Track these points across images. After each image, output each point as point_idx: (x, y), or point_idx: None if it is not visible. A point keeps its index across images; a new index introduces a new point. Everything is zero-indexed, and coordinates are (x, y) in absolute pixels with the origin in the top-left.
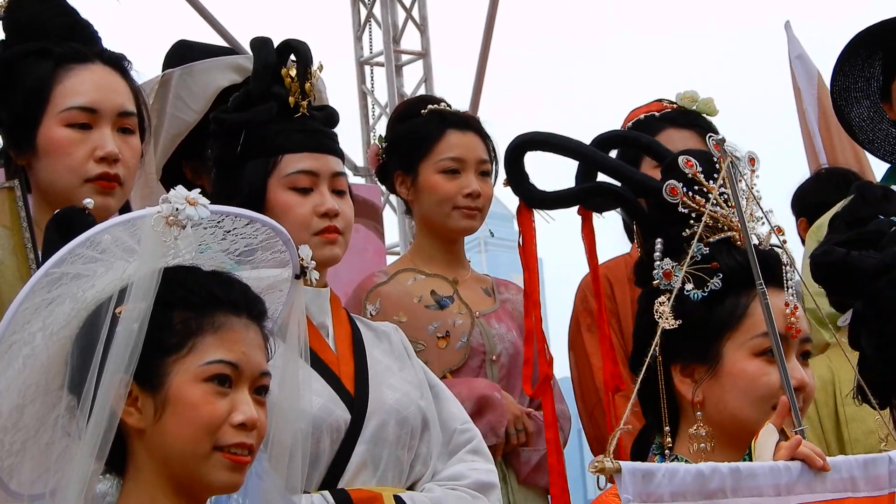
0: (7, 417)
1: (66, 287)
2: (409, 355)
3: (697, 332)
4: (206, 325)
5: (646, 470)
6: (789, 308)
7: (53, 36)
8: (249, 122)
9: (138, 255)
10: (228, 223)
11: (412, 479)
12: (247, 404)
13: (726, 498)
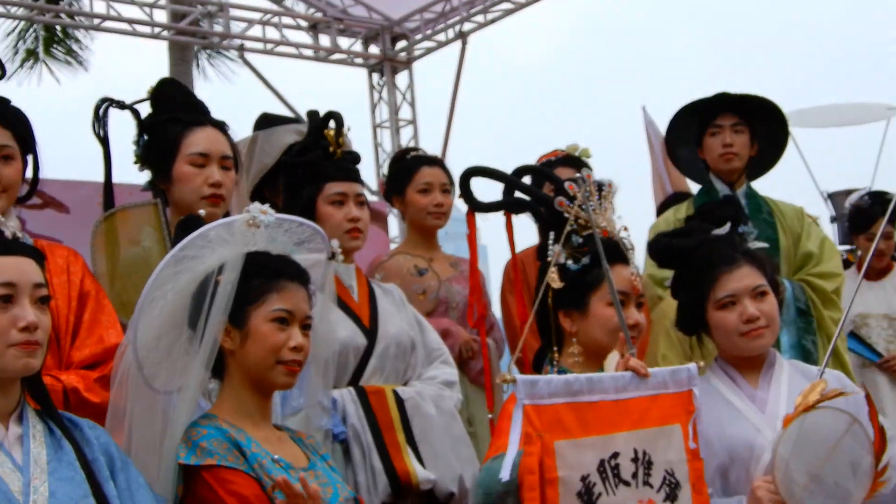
0: (150, 343)
1: (187, 263)
2: (404, 304)
3: (574, 290)
4: (272, 287)
5: (532, 380)
6: (632, 275)
7: (181, 109)
8: (305, 163)
9: (231, 244)
10: (288, 225)
11: (404, 380)
12: (297, 336)
13: (584, 395)
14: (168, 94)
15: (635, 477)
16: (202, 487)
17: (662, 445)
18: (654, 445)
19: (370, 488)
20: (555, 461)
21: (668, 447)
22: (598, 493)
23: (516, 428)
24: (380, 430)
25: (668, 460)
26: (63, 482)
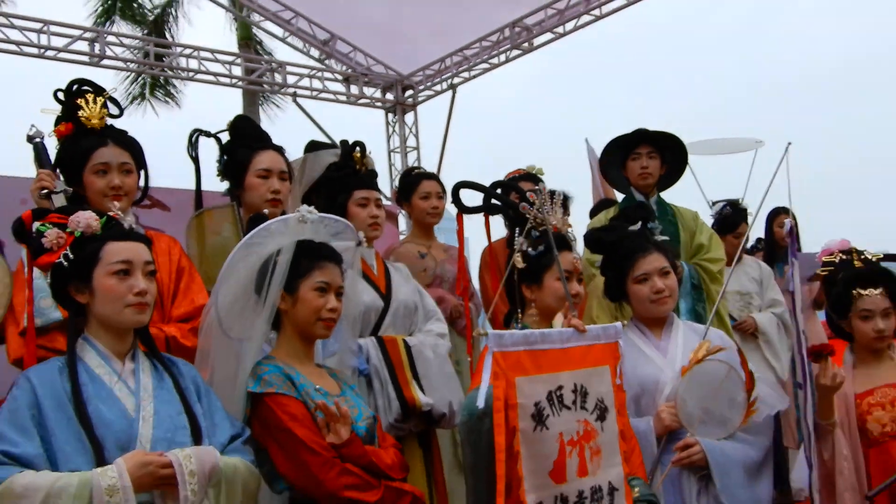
0: (227, 305)
1: (254, 248)
2: (410, 278)
3: (532, 269)
4: (316, 266)
5: (500, 334)
6: (574, 259)
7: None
8: (339, 177)
9: (286, 234)
10: (327, 221)
11: (410, 332)
12: (332, 301)
13: (538, 344)
14: (241, 126)
15: (574, 403)
16: (264, 409)
17: (595, 381)
18: (589, 381)
19: (386, 410)
20: (515, 392)
21: (600, 382)
22: (546, 415)
23: (487, 368)
24: (393, 368)
25: (600, 392)
26: (164, 403)
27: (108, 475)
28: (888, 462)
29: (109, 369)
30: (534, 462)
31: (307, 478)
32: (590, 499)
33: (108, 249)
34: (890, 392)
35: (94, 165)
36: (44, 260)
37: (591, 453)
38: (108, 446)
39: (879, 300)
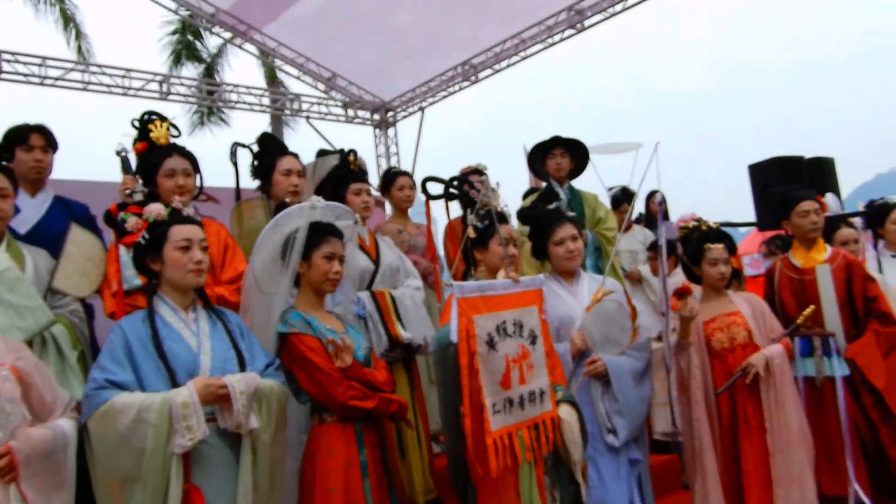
0: (261, 269)
1: (278, 228)
2: (393, 247)
3: (480, 238)
4: (324, 240)
5: (461, 284)
6: (510, 230)
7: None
8: (340, 175)
9: (302, 218)
10: (332, 207)
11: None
12: (336, 265)
13: (488, 291)
14: (266, 139)
15: (514, 333)
16: (290, 344)
17: (527, 317)
18: (523, 317)
19: (378, 344)
20: (474, 326)
21: (531, 317)
22: (496, 342)
23: (454, 310)
24: (382, 313)
25: (531, 324)
26: (217, 341)
27: (182, 394)
28: (726, 368)
29: (177, 318)
30: (489, 375)
31: (323, 392)
32: (528, 400)
33: (174, 231)
34: (727, 319)
35: (164, 171)
36: (127, 240)
37: (527, 368)
38: (180, 374)
39: (722, 251)
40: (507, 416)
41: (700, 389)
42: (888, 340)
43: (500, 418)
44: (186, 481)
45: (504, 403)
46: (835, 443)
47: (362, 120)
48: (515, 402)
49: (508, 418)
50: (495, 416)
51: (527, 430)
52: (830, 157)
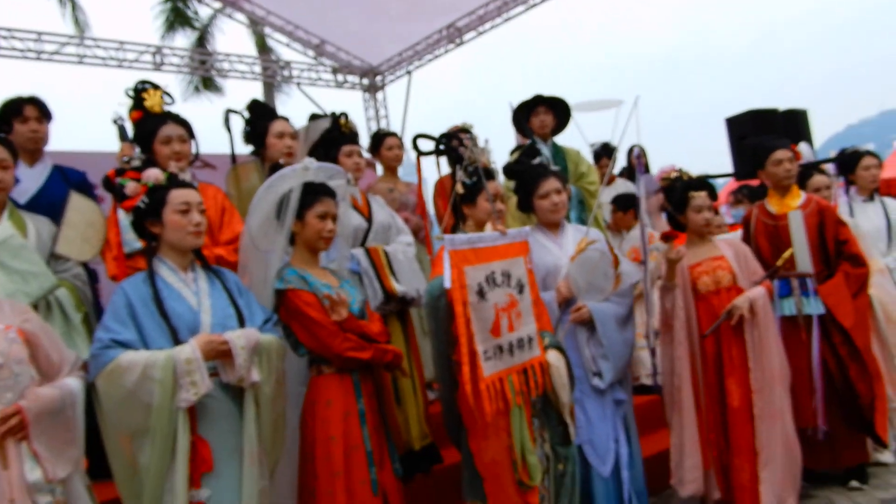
0: (257, 228)
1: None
2: (385, 206)
3: (469, 194)
4: (317, 200)
5: (451, 237)
6: (497, 186)
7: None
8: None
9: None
10: (325, 168)
11: (387, 243)
12: (329, 224)
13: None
14: (258, 106)
15: (503, 283)
16: (287, 300)
17: (515, 267)
18: (511, 267)
19: (373, 297)
20: (464, 277)
21: (518, 268)
22: (485, 291)
23: (446, 262)
24: (377, 268)
25: (518, 274)
26: (216, 299)
27: (185, 351)
28: (710, 310)
29: (177, 278)
30: (479, 323)
31: (320, 345)
32: (517, 346)
33: (173, 195)
34: (712, 263)
35: (160, 138)
36: (127, 204)
37: (516, 316)
38: (182, 331)
39: (705, 198)
40: (498, 363)
41: (683, 329)
42: (857, 281)
43: (492, 364)
44: (192, 433)
45: (495, 350)
46: (805, 378)
47: (352, 85)
48: (505, 349)
49: (499, 364)
50: (487, 363)
51: (517, 375)
52: (804, 109)
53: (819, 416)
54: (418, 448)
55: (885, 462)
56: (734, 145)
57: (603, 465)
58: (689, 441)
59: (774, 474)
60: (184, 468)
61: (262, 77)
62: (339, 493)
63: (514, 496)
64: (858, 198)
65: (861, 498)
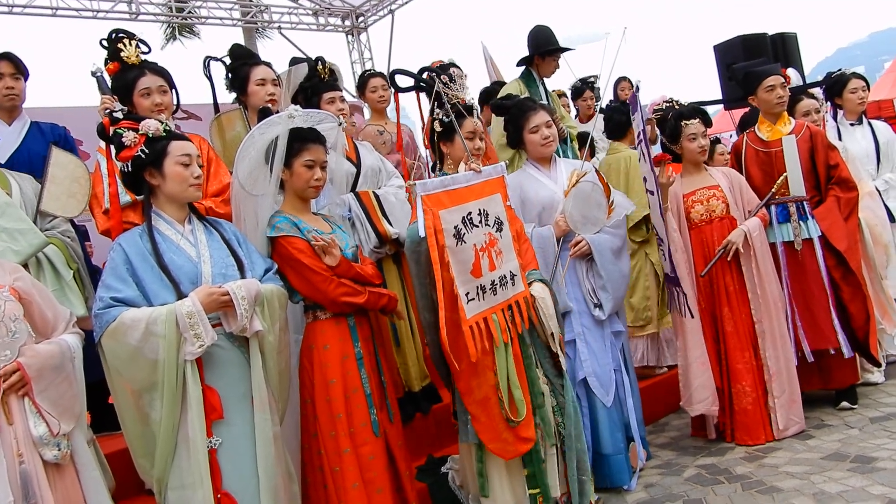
0: (246, 174)
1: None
2: (373, 150)
3: (445, 131)
4: (304, 147)
5: (424, 182)
6: (476, 122)
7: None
8: (311, 85)
9: (282, 125)
10: (312, 113)
11: (377, 187)
12: (318, 172)
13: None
14: (238, 51)
15: (480, 222)
16: (279, 247)
17: (492, 205)
18: (488, 205)
19: (367, 242)
20: (440, 221)
21: (496, 205)
22: (463, 233)
23: (419, 208)
24: (368, 212)
25: (496, 212)
26: (216, 249)
27: (186, 304)
28: (704, 239)
29: (175, 231)
30: (459, 266)
31: (315, 291)
32: (499, 284)
33: (174, 145)
34: (706, 192)
35: (139, 90)
36: (125, 153)
37: (496, 254)
38: (183, 283)
39: (699, 125)
40: (482, 303)
41: (679, 251)
42: (848, 205)
43: (475, 305)
44: (201, 383)
45: (477, 291)
46: (816, 301)
47: (333, 27)
48: (488, 289)
49: (483, 304)
50: (469, 304)
51: (501, 313)
52: (793, 33)
53: (839, 334)
54: (418, 389)
55: (874, 382)
56: (723, 72)
57: (606, 395)
58: (695, 361)
59: (783, 398)
60: (199, 418)
61: (241, 23)
62: (342, 434)
63: (504, 431)
64: (846, 121)
65: (851, 418)
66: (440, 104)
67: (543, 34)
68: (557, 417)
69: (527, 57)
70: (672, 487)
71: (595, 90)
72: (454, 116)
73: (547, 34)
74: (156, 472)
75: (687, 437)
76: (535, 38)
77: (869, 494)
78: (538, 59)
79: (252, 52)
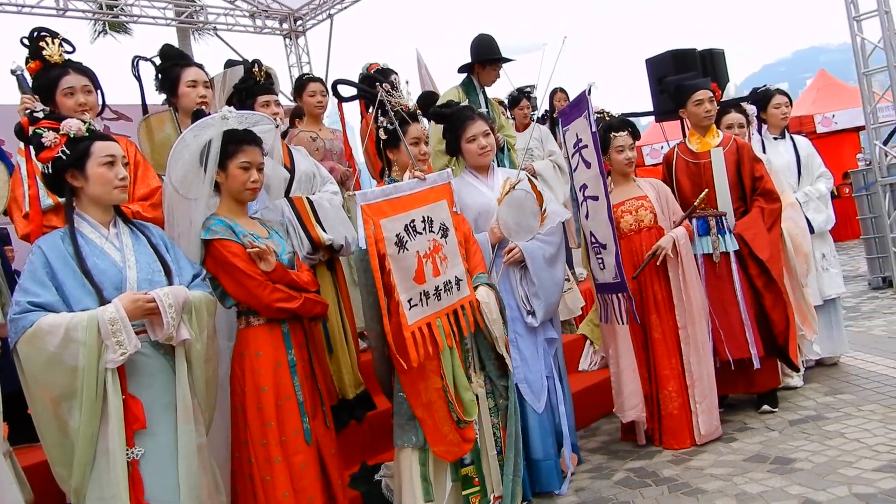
0: (180, 177)
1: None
2: (307, 156)
3: (388, 140)
4: (240, 148)
5: (364, 192)
6: (422, 128)
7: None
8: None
9: (216, 127)
10: (248, 115)
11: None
12: (255, 174)
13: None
14: (169, 51)
15: (424, 229)
16: (214, 250)
17: (437, 211)
18: (433, 212)
19: (300, 247)
20: (381, 231)
21: (441, 211)
22: (405, 241)
23: (359, 218)
24: (301, 218)
25: (441, 218)
26: (142, 255)
27: (109, 310)
28: (633, 248)
29: (99, 234)
30: (401, 273)
31: (249, 296)
32: (444, 289)
33: (97, 146)
34: (635, 203)
35: (62, 90)
36: (45, 154)
37: (441, 260)
38: (107, 289)
39: (627, 138)
40: (425, 308)
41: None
42: (771, 215)
43: (418, 311)
44: (123, 392)
45: (420, 297)
46: (731, 311)
47: (271, 30)
48: (431, 294)
49: (426, 310)
50: (412, 310)
51: (445, 318)
52: (721, 49)
53: (753, 346)
54: (352, 396)
55: (794, 386)
56: (654, 85)
57: (538, 401)
58: (626, 369)
59: (705, 403)
60: (118, 428)
61: (175, 23)
62: (273, 443)
63: (451, 434)
64: (770, 135)
65: (772, 421)
66: (384, 112)
67: (486, 42)
68: (494, 418)
69: (468, 64)
70: (602, 491)
71: (532, 100)
72: (398, 123)
73: (489, 43)
74: (74, 482)
75: (617, 441)
76: (478, 47)
77: (787, 494)
78: (479, 68)
79: (183, 53)
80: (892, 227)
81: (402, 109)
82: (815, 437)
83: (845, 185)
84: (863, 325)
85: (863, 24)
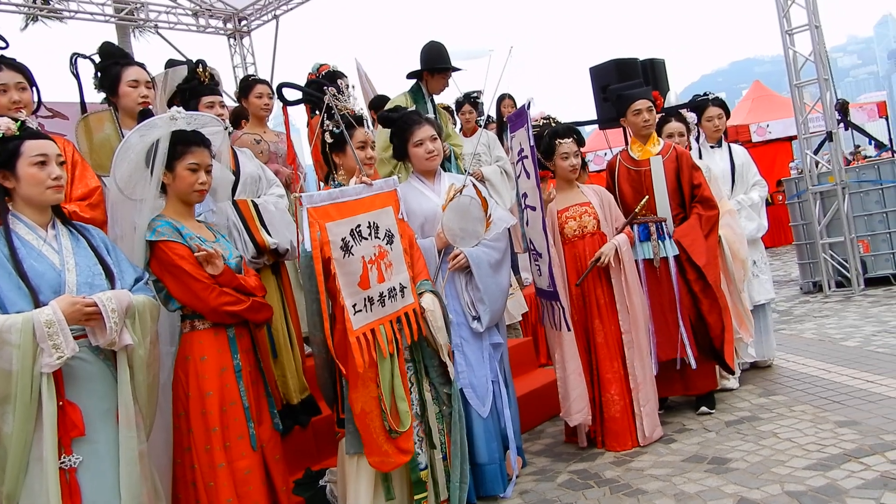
0: (125, 178)
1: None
2: (253, 158)
3: (334, 144)
4: (188, 150)
5: (310, 195)
6: (366, 133)
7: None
8: (189, 88)
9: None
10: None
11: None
12: (202, 176)
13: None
14: (109, 49)
15: (370, 235)
16: (159, 252)
17: (383, 217)
18: (379, 218)
19: (245, 251)
20: (327, 234)
21: (387, 218)
22: (351, 245)
23: (304, 220)
24: (246, 222)
25: (387, 224)
26: (82, 257)
27: (45, 313)
28: (577, 253)
29: (36, 236)
30: (346, 278)
31: (195, 299)
32: (388, 296)
33: (28, 145)
34: (579, 209)
35: None
36: None
37: (386, 266)
38: (44, 292)
39: (572, 145)
40: (369, 314)
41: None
42: (709, 222)
43: (362, 317)
44: (60, 397)
45: (364, 302)
46: (668, 314)
47: (215, 30)
48: (376, 300)
49: (370, 316)
50: (357, 316)
51: (389, 325)
52: (662, 59)
53: (687, 347)
54: (297, 402)
55: (730, 388)
56: (597, 93)
57: (483, 406)
58: (572, 374)
59: (648, 406)
60: (52, 436)
61: (114, 19)
62: (217, 448)
63: (384, 444)
64: (707, 143)
65: (709, 422)
66: (330, 116)
67: (436, 50)
68: (440, 424)
69: (416, 71)
70: (546, 493)
71: (479, 105)
72: (344, 127)
73: (439, 51)
74: (6, 489)
75: (561, 444)
76: (428, 54)
77: (723, 493)
78: (428, 75)
79: (124, 52)
80: (823, 233)
81: (349, 113)
82: (749, 437)
83: (779, 193)
84: (795, 329)
85: (795, 38)
